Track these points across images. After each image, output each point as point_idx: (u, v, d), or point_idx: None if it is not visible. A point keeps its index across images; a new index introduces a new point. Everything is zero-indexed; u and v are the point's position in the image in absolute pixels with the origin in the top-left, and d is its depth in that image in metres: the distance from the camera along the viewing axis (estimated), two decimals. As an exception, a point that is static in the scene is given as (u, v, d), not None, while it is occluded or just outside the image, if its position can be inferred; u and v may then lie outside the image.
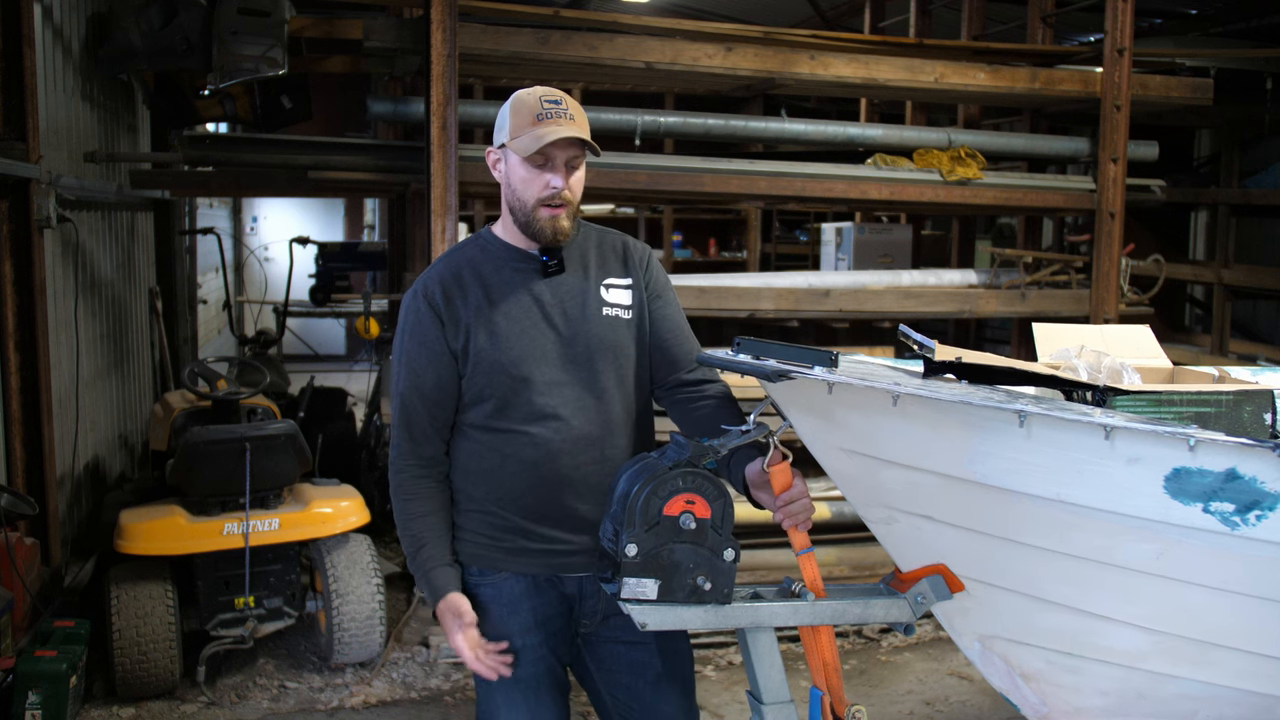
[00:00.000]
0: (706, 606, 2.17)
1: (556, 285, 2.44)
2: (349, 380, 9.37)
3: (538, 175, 2.36)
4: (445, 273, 2.45)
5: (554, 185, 2.36)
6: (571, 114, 2.36)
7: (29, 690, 3.73)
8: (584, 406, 2.39)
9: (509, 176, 2.41)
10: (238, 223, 13.77)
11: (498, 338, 2.38)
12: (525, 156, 2.33)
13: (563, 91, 2.42)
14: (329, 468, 5.96)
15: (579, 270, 2.48)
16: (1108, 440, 1.95)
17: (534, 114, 2.34)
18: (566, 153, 2.36)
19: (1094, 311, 5.91)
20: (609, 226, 2.63)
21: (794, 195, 5.67)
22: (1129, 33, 5.69)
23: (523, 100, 2.38)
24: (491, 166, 2.47)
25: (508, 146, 2.38)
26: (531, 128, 2.34)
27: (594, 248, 2.52)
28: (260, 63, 5.74)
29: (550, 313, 2.42)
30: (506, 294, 2.42)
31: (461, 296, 2.41)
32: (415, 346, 2.42)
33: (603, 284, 2.48)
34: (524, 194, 2.39)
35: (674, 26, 5.55)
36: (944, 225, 9.54)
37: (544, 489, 2.38)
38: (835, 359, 1.99)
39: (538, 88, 2.40)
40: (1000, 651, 2.34)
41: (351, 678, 4.54)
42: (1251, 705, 2.30)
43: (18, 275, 4.68)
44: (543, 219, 2.38)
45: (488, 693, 2.43)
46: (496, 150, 2.44)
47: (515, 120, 2.37)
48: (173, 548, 4.27)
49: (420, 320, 2.42)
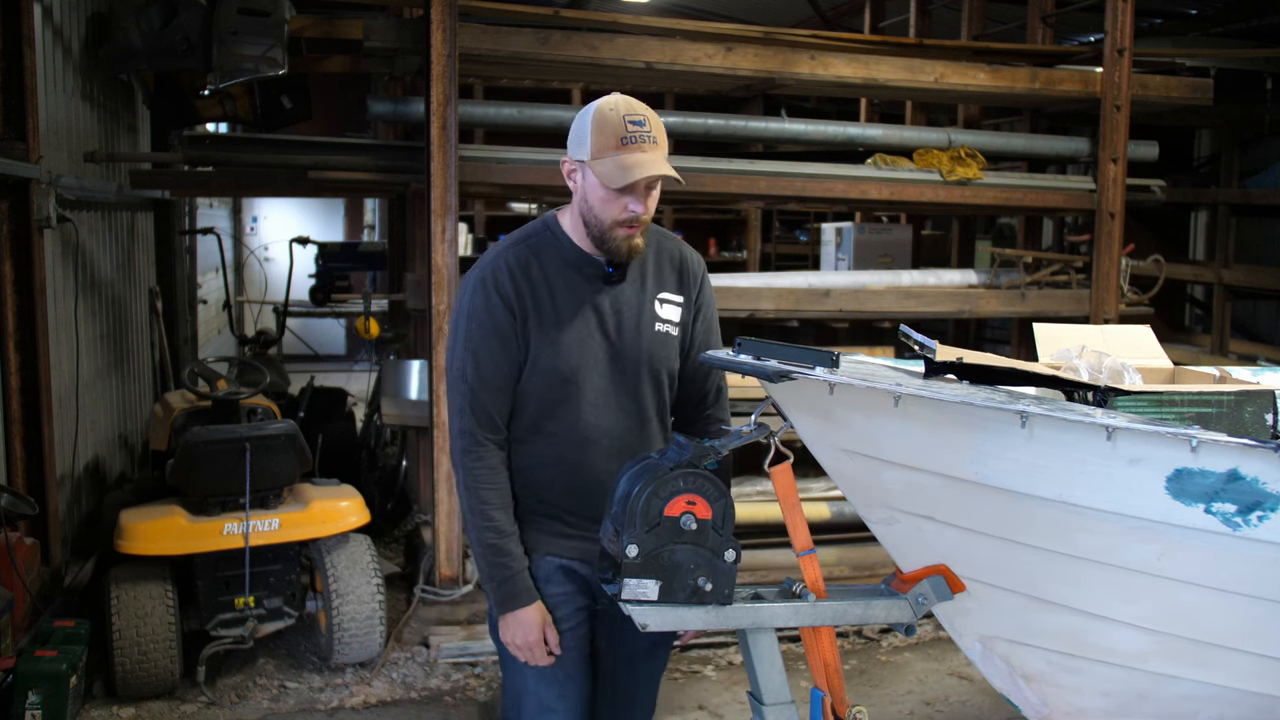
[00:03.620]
0: (707, 607, 2.17)
1: (615, 294, 2.47)
2: (349, 380, 9.36)
3: (617, 198, 2.34)
4: (515, 264, 2.43)
5: (633, 209, 2.35)
6: (655, 136, 2.33)
7: (29, 690, 3.72)
8: (626, 414, 2.45)
9: (585, 192, 2.39)
10: (238, 223, 13.76)
11: (556, 344, 2.41)
12: (610, 187, 2.31)
13: (643, 105, 2.37)
14: (329, 468, 5.96)
15: (637, 280, 2.49)
16: (1109, 441, 1.94)
17: (618, 136, 2.30)
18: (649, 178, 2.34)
19: (1094, 311, 5.91)
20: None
21: (794, 195, 5.67)
22: (1129, 33, 5.69)
23: (605, 117, 2.33)
24: (565, 175, 2.44)
25: (588, 165, 2.34)
26: (616, 153, 2.31)
27: (652, 255, 2.52)
28: (260, 63, 5.73)
29: (606, 323, 2.45)
30: (569, 299, 2.44)
31: (530, 293, 2.42)
32: (485, 335, 2.41)
33: (657, 297, 2.50)
34: (601, 214, 2.37)
35: (674, 26, 5.55)
36: (944, 225, 9.54)
37: (582, 490, 2.45)
38: (836, 359, 1.99)
39: (620, 101, 2.36)
40: (1001, 652, 2.34)
41: (351, 678, 4.54)
42: (1252, 706, 2.30)
43: (18, 275, 4.68)
44: (619, 238, 2.38)
45: (518, 668, 2.50)
46: (573, 162, 2.40)
47: (598, 139, 2.32)
48: (173, 548, 4.27)
49: (491, 309, 2.41)
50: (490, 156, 5.15)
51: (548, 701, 2.48)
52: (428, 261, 4.84)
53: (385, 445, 7.41)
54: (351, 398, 7.53)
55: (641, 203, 2.35)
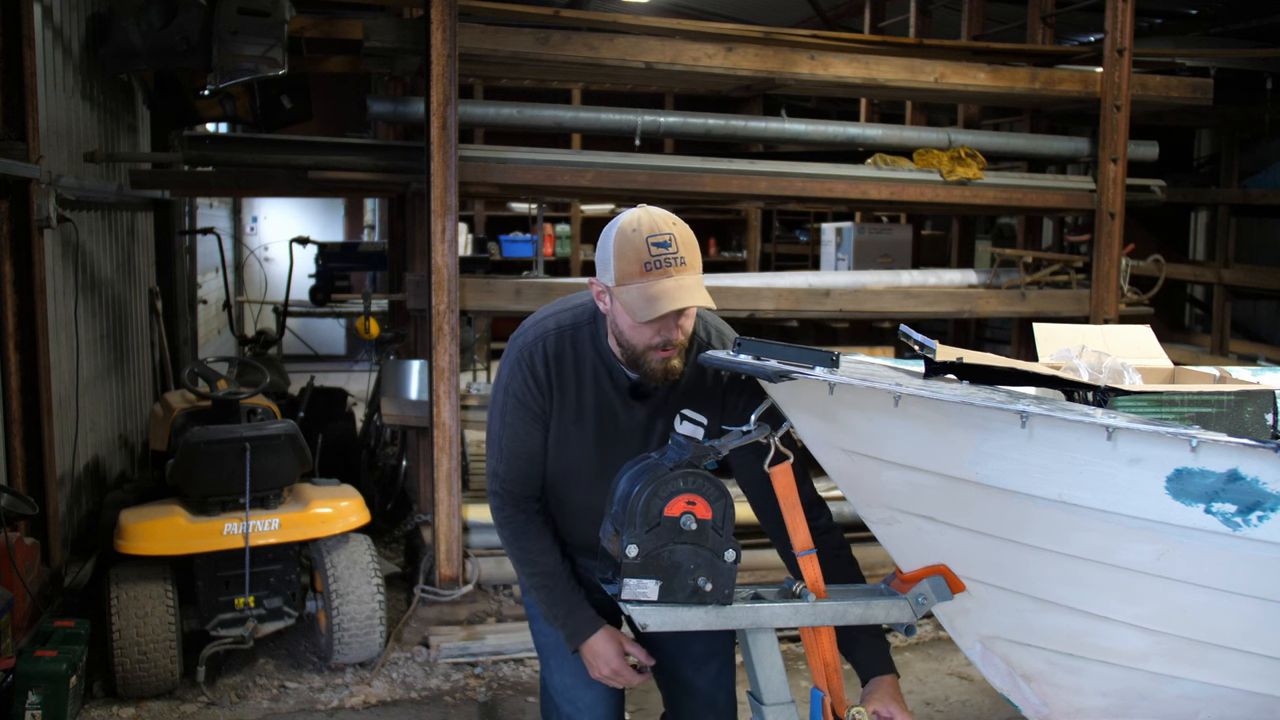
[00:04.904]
0: (707, 607, 2.17)
1: (639, 408, 2.44)
2: (349, 380, 9.37)
3: (647, 325, 2.23)
4: (551, 353, 2.41)
5: (665, 336, 2.26)
6: (683, 256, 2.19)
7: (29, 690, 3.72)
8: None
9: (615, 317, 2.29)
10: (238, 223, 13.76)
11: (563, 442, 2.44)
12: (636, 321, 2.20)
13: (667, 219, 2.23)
14: (329, 468, 5.96)
15: (664, 394, 2.42)
16: (1109, 441, 1.94)
17: (641, 261, 2.17)
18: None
19: (1094, 311, 5.91)
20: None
21: (794, 195, 5.67)
22: (1129, 33, 5.70)
23: (628, 239, 2.20)
24: (595, 297, 2.35)
25: (613, 292, 2.23)
26: (640, 280, 2.18)
27: (689, 372, 2.39)
28: (260, 63, 5.74)
29: (619, 434, 2.44)
30: (591, 403, 2.42)
31: (559, 386, 2.42)
32: (518, 410, 2.43)
33: (680, 412, 2.36)
34: (633, 339, 2.28)
35: (674, 26, 5.55)
36: (944, 225, 9.54)
37: (584, 553, 2.54)
38: (836, 359, 1.98)
39: (643, 219, 2.22)
40: (1001, 652, 2.34)
41: (351, 678, 4.54)
42: (1253, 706, 2.30)
43: (18, 275, 4.68)
44: (654, 362, 2.29)
45: (548, 671, 2.62)
46: (600, 284, 2.29)
47: (620, 265, 2.20)
48: (173, 548, 4.27)
49: (527, 390, 2.42)
50: (490, 156, 5.15)
51: (585, 701, 2.58)
52: (428, 261, 4.84)
53: (385, 445, 7.42)
54: (351, 398, 7.54)
55: (673, 329, 2.24)
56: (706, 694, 2.70)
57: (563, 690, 2.63)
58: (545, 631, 2.63)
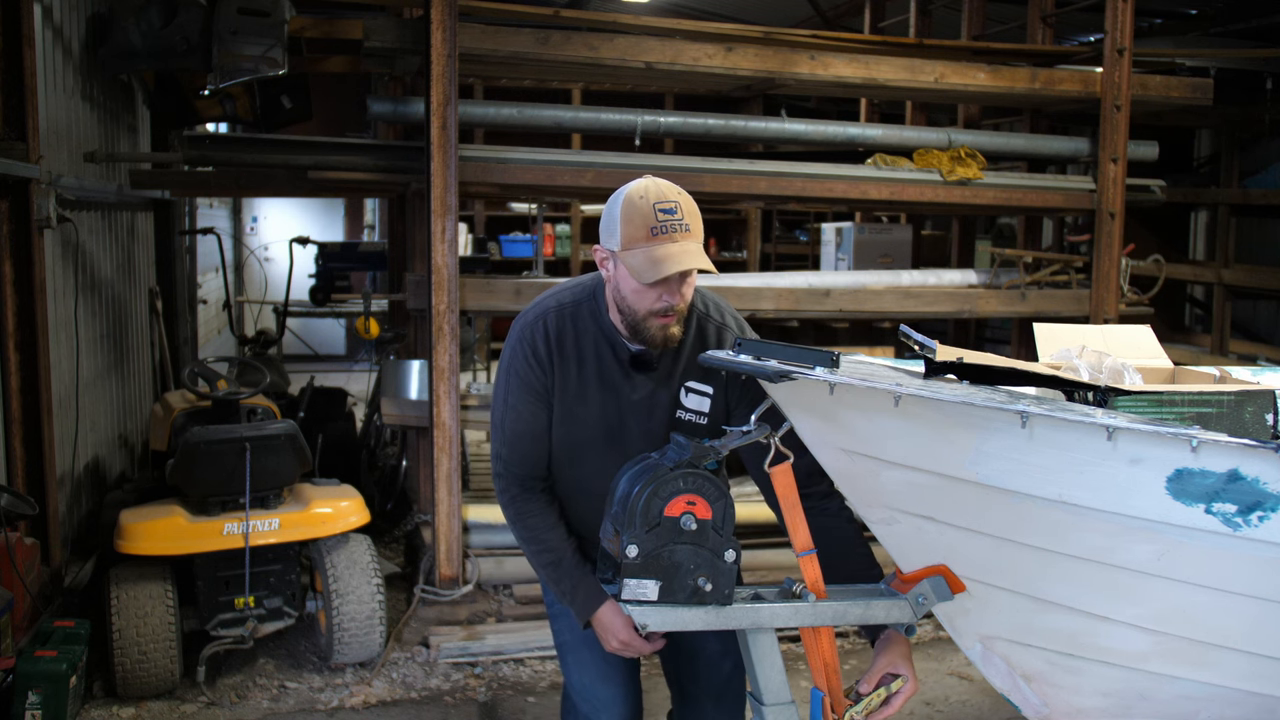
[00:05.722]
0: (707, 607, 2.17)
1: (641, 380, 2.45)
2: (349, 380, 9.37)
3: (650, 290, 2.29)
4: (551, 330, 2.45)
5: (667, 300, 2.31)
6: (687, 224, 2.27)
7: (29, 690, 3.72)
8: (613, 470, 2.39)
9: (618, 282, 2.34)
10: (238, 223, 13.76)
11: (567, 420, 2.45)
12: (641, 281, 2.26)
13: (674, 189, 2.30)
14: (329, 468, 5.96)
15: (668, 366, 2.45)
16: (1110, 441, 1.94)
17: (648, 226, 2.24)
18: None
19: (1094, 311, 5.91)
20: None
21: (794, 195, 5.67)
22: (1129, 33, 5.70)
23: (635, 205, 2.27)
24: (599, 263, 2.40)
25: (618, 255, 2.29)
26: (646, 244, 2.24)
27: (690, 341, 2.45)
28: (260, 63, 5.74)
29: (624, 408, 2.46)
30: (594, 376, 2.45)
31: (560, 362, 2.44)
32: (521, 391, 2.46)
33: (685, 385, 2.45)
34: (635, 304, 2.33)
35: (674, 26, 5.55)
36: (944, 225, 9.55)
37: (587, 534, 2.52)
38: (836, 359, 1.98)
39: (650, 187, 2.29)
40: (1001, 652, 2.34)
41: (351, 678, 4.54)
42: (1253, 706, 2.30)
43: (18, 275, 4.68)
44: (654, 328, 2.34)
45: (567, 667, 2.64)
46: (604, 250, 2.35)
47: (627, 230, 2.27)
48: (173, 548, 4.27)
49: (529, 368, 2.45)
50: (490, 156, 5.15)
51: (601, 699, 2.61)
52: (428, 261, 4.84)
53: (385, 445, 7.42)
54: (351, 398, 7.53)
55: (675, 294, 2.30)
56: (717, 692, 2.71)
57: (581, 689, 2.64)
58: (563, 630, 2.64)
